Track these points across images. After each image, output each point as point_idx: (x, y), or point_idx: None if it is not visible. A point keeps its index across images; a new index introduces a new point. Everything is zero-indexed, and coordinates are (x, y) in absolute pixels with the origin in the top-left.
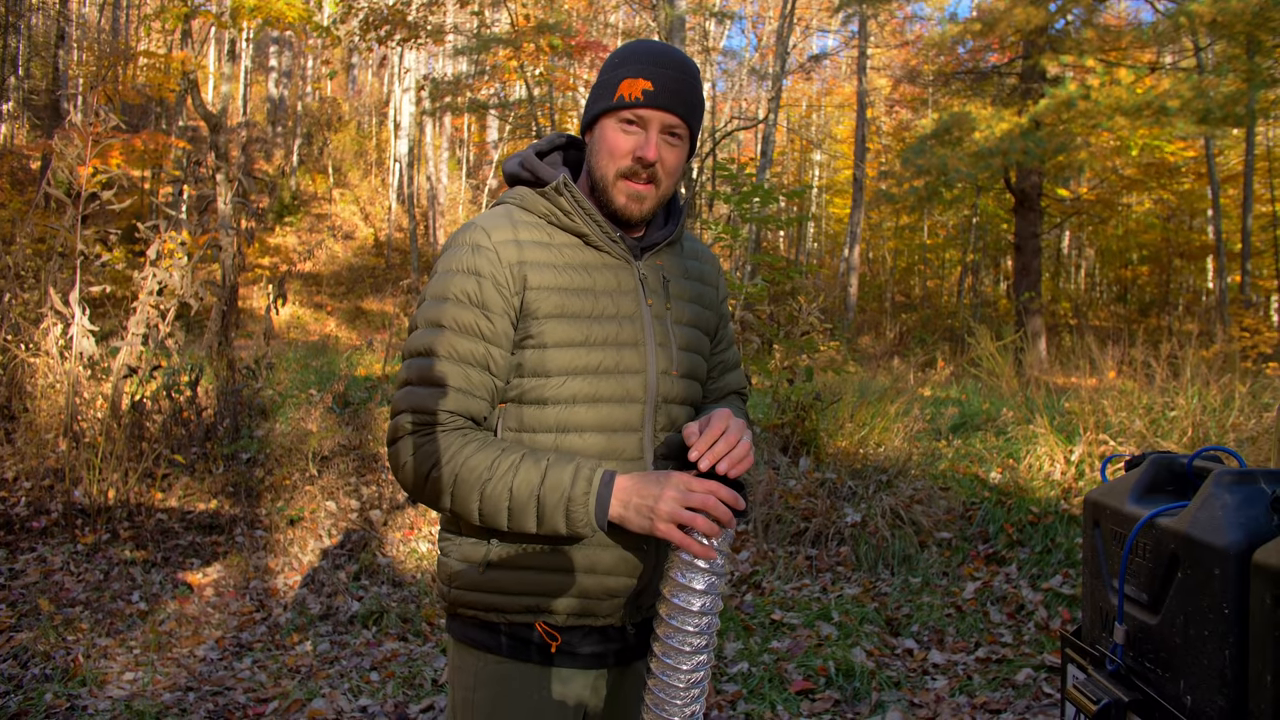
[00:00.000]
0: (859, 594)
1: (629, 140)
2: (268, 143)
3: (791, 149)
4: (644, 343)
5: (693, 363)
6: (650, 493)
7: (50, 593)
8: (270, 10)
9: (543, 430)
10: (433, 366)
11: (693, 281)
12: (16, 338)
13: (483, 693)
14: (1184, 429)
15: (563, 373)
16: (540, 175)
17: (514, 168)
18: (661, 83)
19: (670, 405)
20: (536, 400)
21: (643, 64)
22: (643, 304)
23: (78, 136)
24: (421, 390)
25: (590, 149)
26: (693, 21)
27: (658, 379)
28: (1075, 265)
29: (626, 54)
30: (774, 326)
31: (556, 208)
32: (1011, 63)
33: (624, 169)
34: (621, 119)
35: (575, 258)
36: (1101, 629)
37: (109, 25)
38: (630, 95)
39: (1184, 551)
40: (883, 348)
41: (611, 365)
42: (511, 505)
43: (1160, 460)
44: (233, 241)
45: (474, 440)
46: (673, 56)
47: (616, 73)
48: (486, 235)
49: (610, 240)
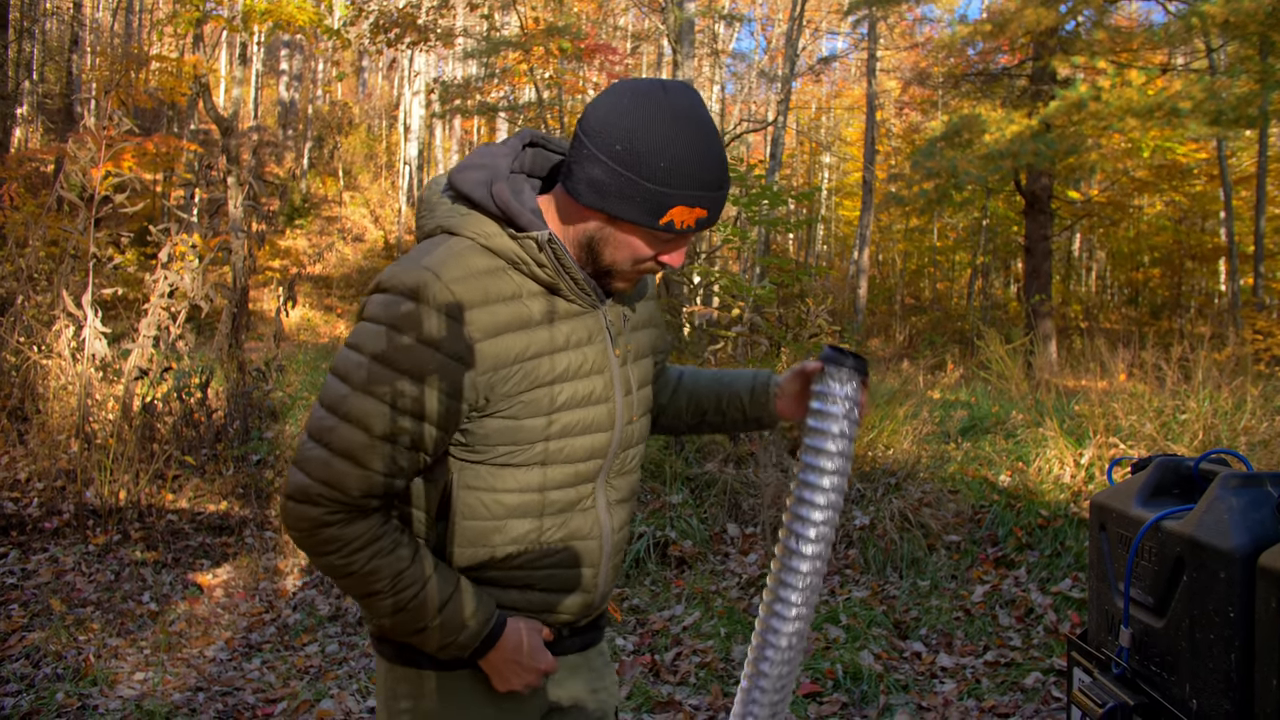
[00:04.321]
0: (867, 597)
1: (659, 249)
2: (278, 146)
3: (801, 151)
4: (613, 398)
5: (648, 398)
6: (513, 660)
7: (62, 593)
8: (281, 14)
9: (502, 490)
10: (363, 444)
11: (643, 301)
12: (29, 340)
13: (429, 702)
14: (1195, 432)
15: (532, 440)
16: (517, 221)
17: (480, 194)
18: (716, 209)
19: (626, 451)
20: (503, 464)
21: (702, 190)
22: (610, 354)
23: (91, 140)
24: (343, 466)
25: (602, 239)
26: (702, 24)
27: (621, 431)
28: (1086, 268)
29: (678, 169)
30: (782, 329)
31: (530, 257)
32: (1022, 64)
33: (643, 268)
34: (660, 236)
35: (542, 308)
36: (1107, 632)
37: (122, 30)
38: (683, 224)
39: (1189, 555)
40: (892, 350)
41: (585, 425)
42: (394, 620)
43: (1166, 463)
44: (243, 244)
45: (385, 535)
46: (723, 169)
47: (667, 193)
48: (451, 294)
49: (584, 293)
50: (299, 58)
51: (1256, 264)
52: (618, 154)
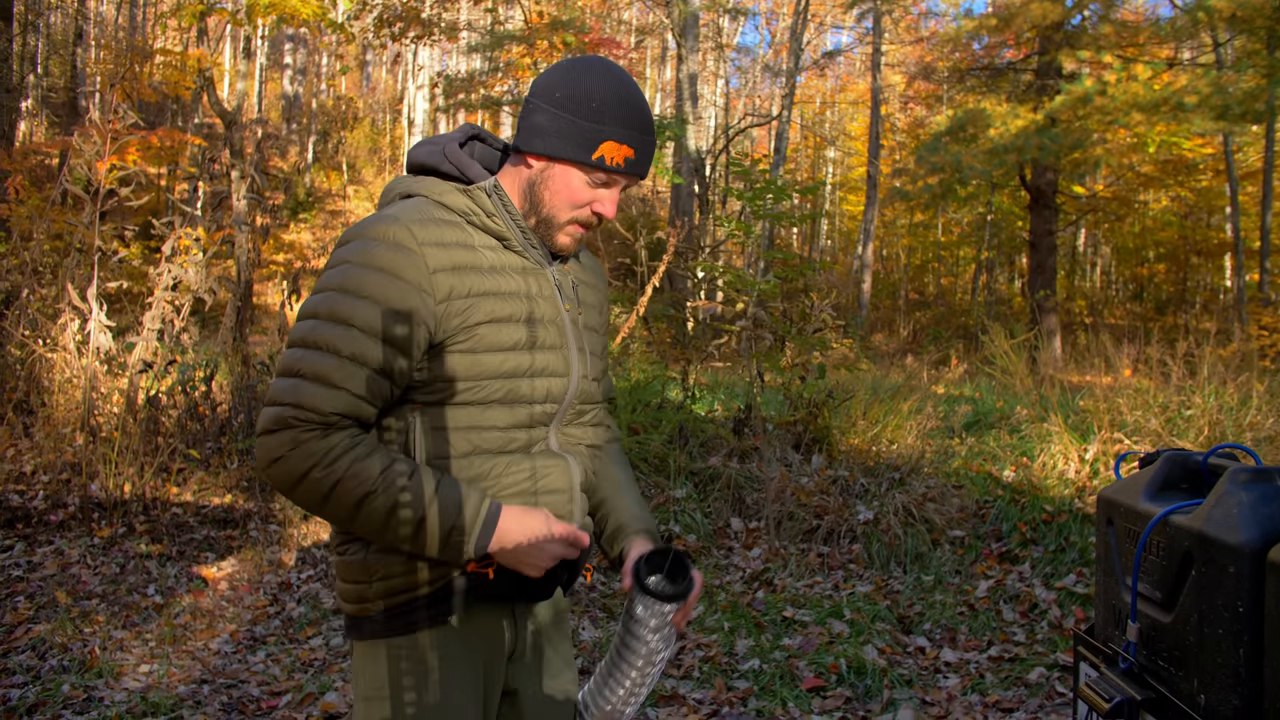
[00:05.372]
0: (871, 591)
1: (591, 194)
2: (282, 139)
3: (805, 146)
4: (568, 346)
5: (597, 368)
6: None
7: (67, 585)
8: (285, 7)
9: (457, 428)
10: (332, 366)
11: (590, 288)
12: (35, 333)
13: (409, 663)
14: (1200, 428)
15: (492, 376)
16: (467, 173)
17: (434, 158)
18: (642, 149)
19: (580, 406)
20: (464, 402)
21: (629, 129)
22: (562, 309)
23: (95, 133)
24: (313, 388)
25: (541, 181)
26: (706, 18)
27: (578, 383)
28: (1091, 263)
29: (605, 107)
30: (786, 323)
31: (479, 207)
32: (1027, 59)
33: (579, 218)
34: (593, 176)
35: (497, 260)
36: (1114, 627)
37: (126, 23)
38: (612, 160)
39: (1198, 549)
40: (896, 345)
41: (540, 368)
42: (390, 521)
43: (1174, 458)
44: (247, 238)
45: (362, 443)
46: (647, 115)
47: (597, 128)
48: (410, 234)
49: (530, 246)
50: (303, 51)
51: (1262, 259)
52: (556, 99)
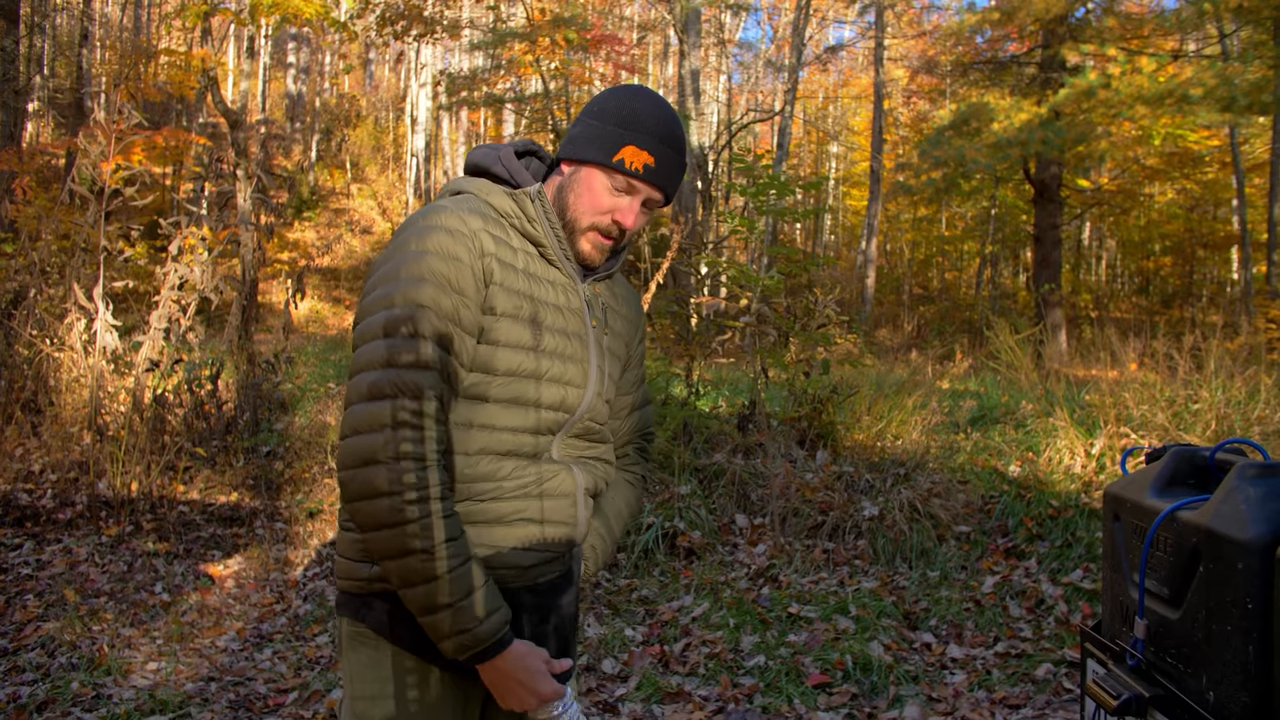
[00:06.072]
0: (876, 587)
1: (612, 201)
2: (286, 138)
3: (808, 141)
4: (588, 360)
5: (612, 392)
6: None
7: (76, 583)
8: (288, 6)
9: (469, 424)
10: (418, 348)
11: (621, 318)
12: (42, 333)
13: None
14: (1207, 422)
15: (508, 373)
16: (517, 178)
17: (490, 161)
18: (663, 163)
19: (589, 423)
20: (477, 396)
21: (651, 138)
22: (588, 324)
23: (101, 134)
24: (410, 374)
25: (568, 184)
26: (708, 14)
27: (593, 399)
28: (1096, 256)
29: (634, 117)
30: (790, 319)
31: (522, 211)
32: (1031, 52)
33: (599, 225)
34: (614, 180)
35: (531, 265)
36: (1122, 624)
37: (131, 24)
38: (631, 165)
39: (1206, 545)
40: (900, 340)
41: (557, 375)
42: (428, 590)
43: (1182, 453)
44: (252, 237)
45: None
46: (676, 135)
47: (622, 133)
48: (463, 221)
49: (565, 258)
50: (306, 51)
51: (1270, 252)
52: (594, 112)
